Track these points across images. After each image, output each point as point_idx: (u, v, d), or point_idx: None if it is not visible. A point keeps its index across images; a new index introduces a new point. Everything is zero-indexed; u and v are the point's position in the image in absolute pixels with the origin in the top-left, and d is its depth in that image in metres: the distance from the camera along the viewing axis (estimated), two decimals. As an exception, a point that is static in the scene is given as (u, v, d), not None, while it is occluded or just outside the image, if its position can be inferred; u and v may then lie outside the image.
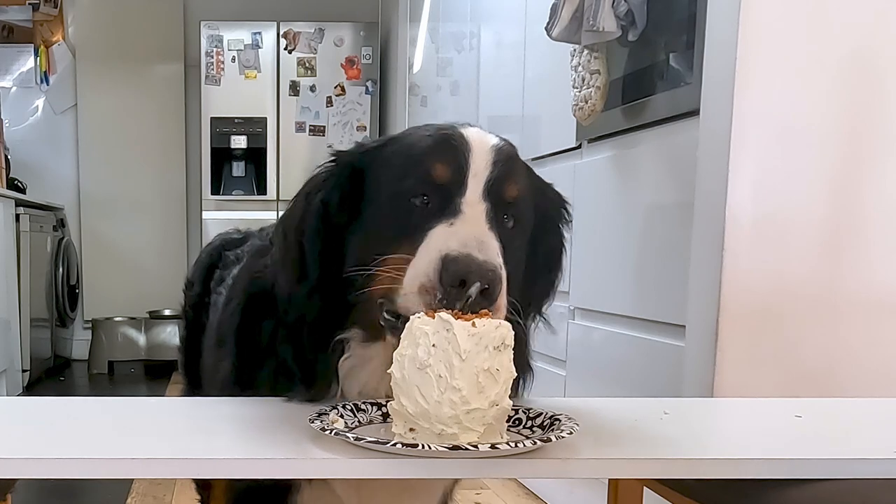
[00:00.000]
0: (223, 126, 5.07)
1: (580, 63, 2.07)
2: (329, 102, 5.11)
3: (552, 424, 0.85)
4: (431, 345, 0.76)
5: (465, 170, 0.92)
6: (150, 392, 4.37)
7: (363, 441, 0.76)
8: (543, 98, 2.58)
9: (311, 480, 1.02)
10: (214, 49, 5.05)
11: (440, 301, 0.84)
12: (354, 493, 1.03)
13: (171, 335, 4.80)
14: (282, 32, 5.07)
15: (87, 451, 0.79)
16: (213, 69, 5.05)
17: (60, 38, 5.40)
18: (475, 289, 0.82)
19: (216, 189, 5.11)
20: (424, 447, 0.74)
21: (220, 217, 4.88)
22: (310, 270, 0.97)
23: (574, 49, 2.09)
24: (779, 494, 0.82)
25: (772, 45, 1.46)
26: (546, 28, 2.04)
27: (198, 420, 0.95)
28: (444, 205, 0.91)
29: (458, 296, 0.82)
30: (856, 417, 1.07)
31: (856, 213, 1.50)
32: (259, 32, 5.06)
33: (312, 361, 0.98)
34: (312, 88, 5.10)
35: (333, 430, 0.79)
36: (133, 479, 2.51)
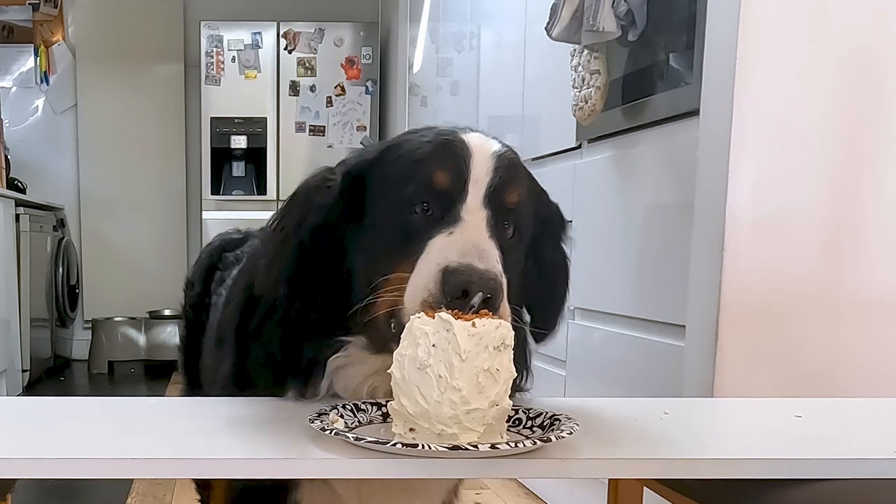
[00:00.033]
0: (223, 126, 5.07)
1: (580, 63, 2.07)
2: (329, 102, 5.11)
3: (552, 424, 0.85)
4: (431, 345, 0.76)
5: (466, 176, 0.91)
6: (150, 392, 4.37)
7: (363, 441, 0.76)
8: (543, 98, 2.58)
9: (311, 479, 1.02)
10: (214, 49, 5.05)
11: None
12: (354, 491, 1.03)
13: (171, 335, 4.80)
14: (282, 32, 5.07)
15: (87, 451, 0.79)
16: (213, 69, 5.05)
17: (60, 38, 5.40)
18: (478, 299, 0.82)
19: (216, 189, 5.12)
20: (424, 447, 0.74)
21: (220, 217, 4.88)
22: (297, 270, 0.97)
23: (574, 49, 2.09)
24: (779, 494, 0.82)
25: (772, 45, 1.46)
26: (546, 28, 2.04)
27: (198, 420, 0.95)
28: (445, 212, 0.90)
29: (461, 306, 0.82)
30: (856, 417, 1.07)
31: (856, 213, 1.50)
32: (259, 32, 5.06)
33: (298, 353, 0.98)
34: (312, 88, 5.10)
35: (333, 430, 0.79)
36: (133, 479, 2.51)
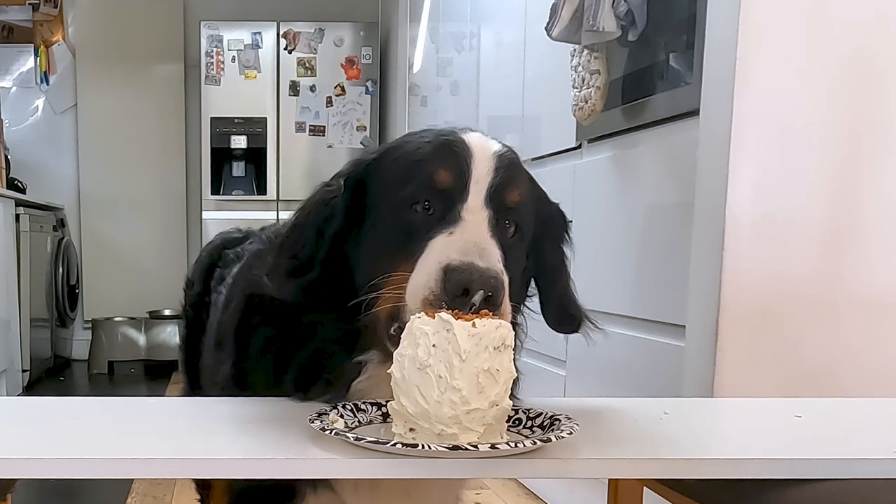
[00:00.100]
0: (223, 126, 5.07)
1: (580, 63, 2.07)
2: (329, 102, 5.11)
3: (552, 424, 0.85)
4: (431, 345, 0.76)
5: (467, 176, 0.91)
6: (150, 392, 4.37)
7: (363, 441, 0.76)
8: (543, 98, 2.58)
9: (317, 488, 1.02)
10: (214, 49, 5.05)
11: (446, 311, 0.83)
12: (363, 501, 1.02)
13: (171, 335, 4.80)
14: (282, 32, 5.06)
15: (87, 451, 0.79)
16: (213, 69, 5.05)
17: (60, 38, 5.40)
18: (479, 297, 0.82)
19: (216, 189, 5.11)
20: (424, 447, 0.74)
21: (220, 217, 4.88)
22: (315, 268, 0.96)
23: (574, 49, 2.09)
24: (779, 494, 0.82)
25: (772, 45, 1.46)
26: (546, 28, 2.04)
27: (198, 420, 0.95)
28: (446, 212, 0.90)
29: (463, 305, 0.82)
30: (856, 417, 1.07)
31: (856, 213, 1.50)
32: (259, 32, 5.06)
33: (329, 379, 0.97)
34: (312, 88, 5.10)
35: (333, 430, 0.79)
36: (133, 479, 2.51)
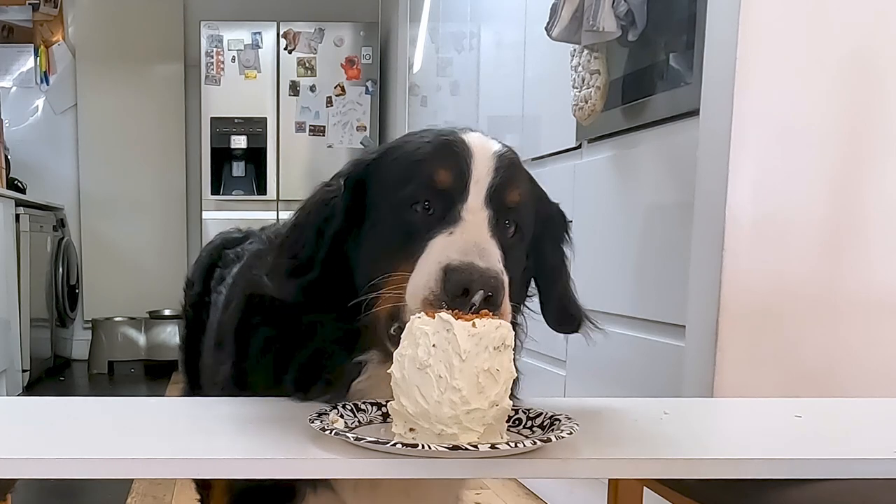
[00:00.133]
0: (223, 126, 5.07)
1: (580, 63, 2.07)
2: (329, 102, 5.11)
3: (552, 424, 0.85)
4: (431, 345, 0.76)
5: (467, 176, 0.91)
6: (150, 392, 4.37)
7: (363, 441, 0.76)
8: (543, 98, 2.58)
9: (317, 488, 1.02)
10: (214, 49, 5.05)
11: (447, 311, 0.83)
12: (363, 501, 1.02)
13: (171, 335, 4.80)
14: (282, 32, 5.06)
15: (87, 451, 0.79)
16: (213, 69, 5.05)
17: (60, 38, 5.40)
18: (479, 297, 0.82)
19: (216, 189, 5.11)
20: (424, 447, 0.74)
21: (220, 217, 4.88)
22: (315, 268, 0.96)
23: (574, 49, 2.09)
24: (779, 494, 0.82)
25: (772, 45, 1.46)
26: (546, 28, 2.04)
27: (198, 420, 0.95)
28: (446, 212, 0.90)
29: (463, 305, 0.82)
30: (856, 417, 1.07)
31: (856, 213, 1.50)
32: (259, 32, 5.06)
33: (329, 379, 0.97)
34: (312, 88, 5.10)
35: (333, 430, 0.79)
36: (133, 479, 2.51)
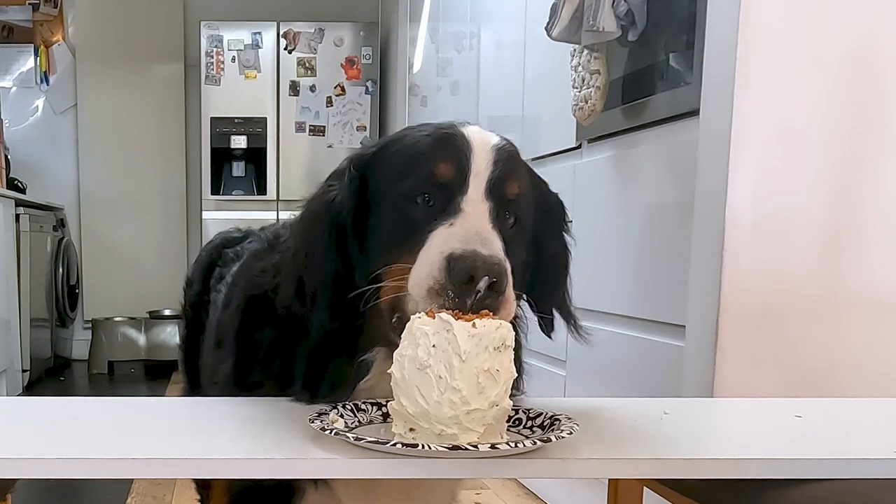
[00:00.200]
0: (223, 126, 5.07)
1: (580, 63, 2.07)
2: (329, 102, 5.11)
3: (552, 424, 0.85)
4: (431, 345, 0.76)
5: (467, 169, 0.92)
6: (150, 392, 4.37)
7: (363, 441, 0.76)
8: (543, 98, 2.58)
9: (316, 487, 1.02)
10: (214, 49, 5.05)
11: (452, 299, 0.83)
12: (358, 499, 1.02)
13: (171, 335, 4.80)
14: (282, 32, 5.06)
15: (87, 451, 0.79)
16: (213, 69, 5.05)
17: (60, 38, 5.40)
18: (484, 283, 0.82)
19: (216, 189, 5.11)
20: (424, 447, 0.74)
21: (220, 217, 4.88)
22: (324, 291, 0.95)
23: (574, 49, 2.09)
24: (779, 494, 0.82)
25: (772, 45, 1.46)
26: (546, 28, 2.04)
27: (198, 420, 0.95)
28: (446, 204, 0.90)
29: (468, 292, 0.82)
30: (856, 417, 1.07)
31: (856, 213, 1.50)
32: (259, 32, 5.06)
33: (335, 381, 0.97)
34: (312, 88, 5.10)
35: (333, 430, 0.79)
36: (133, 479, 2.51)
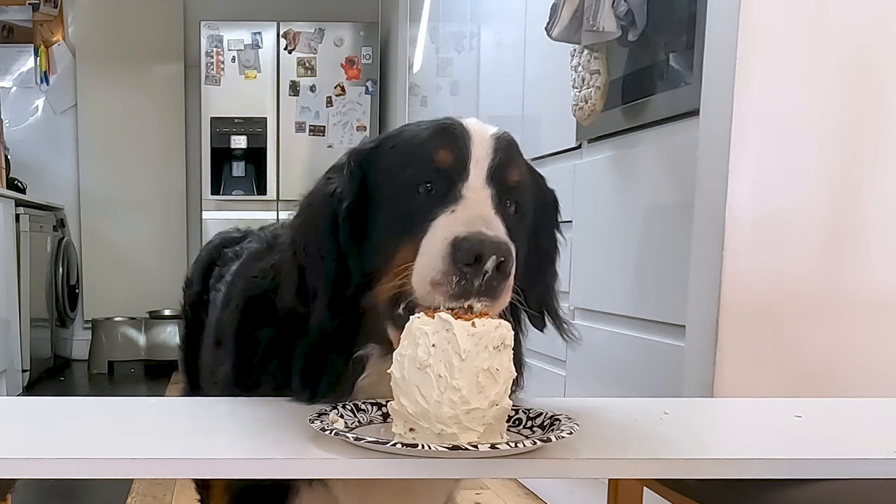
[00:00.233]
0: (223, 126, 5.07)
1: (580, 63, 2.07)
2: (329, 102, 5.11)
3: (552, 424, 0.85)
4: (431, 345, 0.76)
5: (467, 157, 0.92)
6: (150, 392, 4.37)
7: (363, 441, 0.76)
8: (543, 98, 2.58)
9: (312, 483, 1.02)
10: (214, 49, 5.04)
11: (458, 283, 0.82)
12: (354, 497, 1.02)
13: (171, 335, 4.80)
14: (282, 32, 5.06)
15: (87, 451, 0.79)
16: (213, 69, 5.05)
17: (60, 38, 5.40)
18: (492, 262, 0.81)
19: (216, 189, 5.11)
20: (424, 447, 0.74)
21: (220, 217, 4.87)
22: (326, 287, 0.96)
23: (574, 49, 2.09)
24: (779, 494, 0.82)
25: (772, 45, 1.46)
26: (546, 28, 2.04)
27: (198, 420, 0.95)
28: (447, 191, 0.90)
29: (476, 273, 0.81)
30: (856, 417, 1.07)
31: (856, 213, 1.50)
32: (259, 32, 5.06)
33: (333, 380, 0.97)
34: (312, 88, 5.10)
35: (333, 430, 0.79)
36: (133, 479, 2.51)
